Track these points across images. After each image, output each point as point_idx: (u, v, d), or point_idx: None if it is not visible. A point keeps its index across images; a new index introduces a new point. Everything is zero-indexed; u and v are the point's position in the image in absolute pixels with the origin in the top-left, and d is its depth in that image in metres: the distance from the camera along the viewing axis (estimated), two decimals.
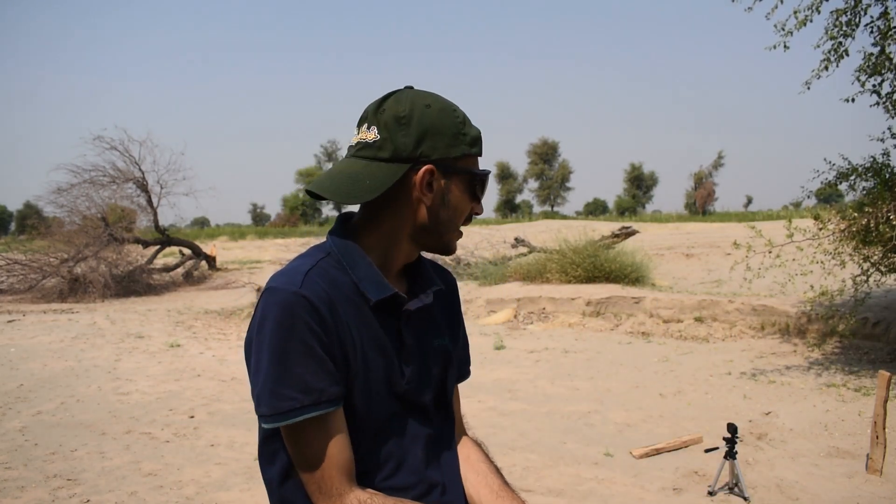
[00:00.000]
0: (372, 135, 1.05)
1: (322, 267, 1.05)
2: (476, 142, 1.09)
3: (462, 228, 1.13)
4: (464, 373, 1.29)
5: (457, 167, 1.07)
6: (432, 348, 1.16)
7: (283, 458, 1.06)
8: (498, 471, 1.21)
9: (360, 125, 1.08)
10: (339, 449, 1.01)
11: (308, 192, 1.08)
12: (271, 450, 1.08)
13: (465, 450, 1.24)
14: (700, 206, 69.53)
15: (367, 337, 1.06)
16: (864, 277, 5.91)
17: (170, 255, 19.33)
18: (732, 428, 3.41)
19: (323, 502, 1.01)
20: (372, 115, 1.06)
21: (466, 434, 1.30)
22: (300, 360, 0.97)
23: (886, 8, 5.36)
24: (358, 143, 1.07)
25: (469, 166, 1.09)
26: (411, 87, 1.09)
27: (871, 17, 5.49)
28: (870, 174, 5.74)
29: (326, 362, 0.99)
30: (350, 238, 1.10)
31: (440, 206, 1.07)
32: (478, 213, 1.14)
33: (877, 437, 3.64)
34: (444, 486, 1.14)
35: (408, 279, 1.17)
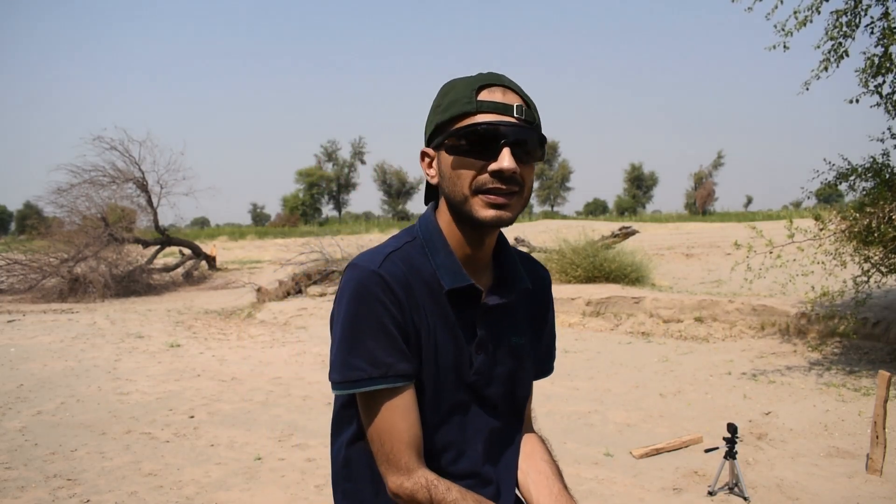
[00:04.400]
0: None
1: (405, 251, 1.09)
2: (451, 105, 1.05)
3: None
4: (546, 369, 1.30)
5: (438, 139, 1.08)
6: (508, 345, 1.16)
7: (356, 424, 1.12)
8: (560, 474, 1.20)
9: None
10: (408, 424, 1.03)
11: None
12: (349, 414, 1.14)
13: (528, 445, 1.23)
14: (700, 206, 69.57)
15: (440, 323, 1.08)
16: (865, 278, 5.91)
17: (170, 255, 19.34)
18: (732, 428, 3.41)
19: (391, 474, 1.03)
20: None
21: (533, 430, 1.29)
22: (371, 334, 1.02)
23: (887, 8, 5.35)
24: None
25: (454, 131, 1.05)
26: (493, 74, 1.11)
27: (872, 17, 5.49)
28: (870, 174, 5.74)
29: (397, 340, 1.03)
30: (435, 225, 1.13)
31: (442, 179, 1.08)
32: (495, 170, 1.02)
33: (877, 437, 3.64)
34: (498, 484, 1.15)
35: (496, 272, 1.17)
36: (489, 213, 1.04)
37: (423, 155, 1.12)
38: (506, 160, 1.01)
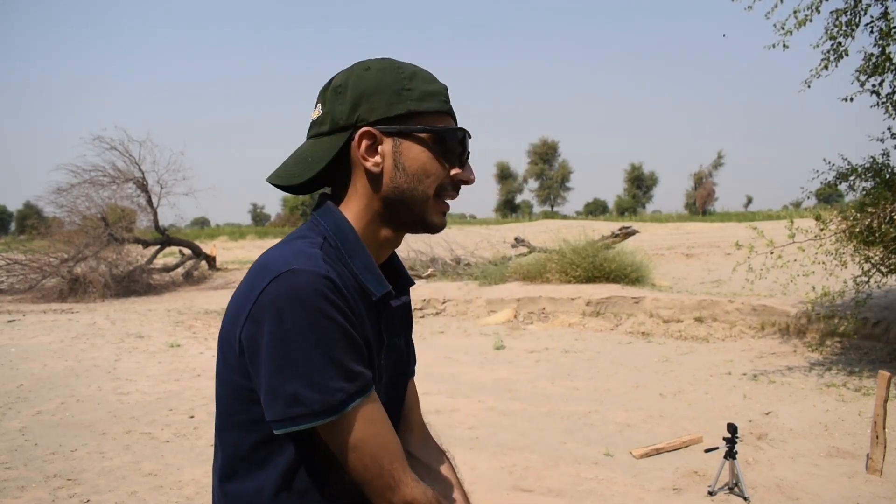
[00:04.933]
0: (317, 112, 1.00)
1: (328, 253, 0.94)
2: (429, 97, 0.97)
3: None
4: (413, 370, 1.22)
5: (405, 126, 0.96)
6: (397, 348, 1.10)
7: (281, 465, 0.92)
8: (468, 501, 1.16)
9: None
10: (394, 432, 0.94)
11: (270, 182, 1.02)
12: (261, 456, 0.93)
13: (443, 469, 1.17)
14: (700, 206, 69.61)
15: (368, 332, 0.98)
16: (866, 278, 5.91)
17: (170, 255, 19.33)
18: (732, 428, 3.41)
19: (398, 491, 0.91)
20: (320, 93, 1.01)
21: (433, 438, 1.23)
22: (340, 346, 0.87)
23: (886, 8, 5.35)
24: (310, 124, 1.02)
25: (424, 124, 0.97)
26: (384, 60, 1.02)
27: (871, 17, 5.49)
28: (869, 174, 5.75)
29: (361, 346, 0.91)
30: (348, 224, 0.99)
31: (395, 171, 0.96)
32: (464, 181, 1.01)
33: (877, 437, 3.64)
34: None
35: (385, 272, 1.09)
36: (441, 220, 1.02)
37: (364, 135, 0.96)
38: (472, 172, 1.02)
